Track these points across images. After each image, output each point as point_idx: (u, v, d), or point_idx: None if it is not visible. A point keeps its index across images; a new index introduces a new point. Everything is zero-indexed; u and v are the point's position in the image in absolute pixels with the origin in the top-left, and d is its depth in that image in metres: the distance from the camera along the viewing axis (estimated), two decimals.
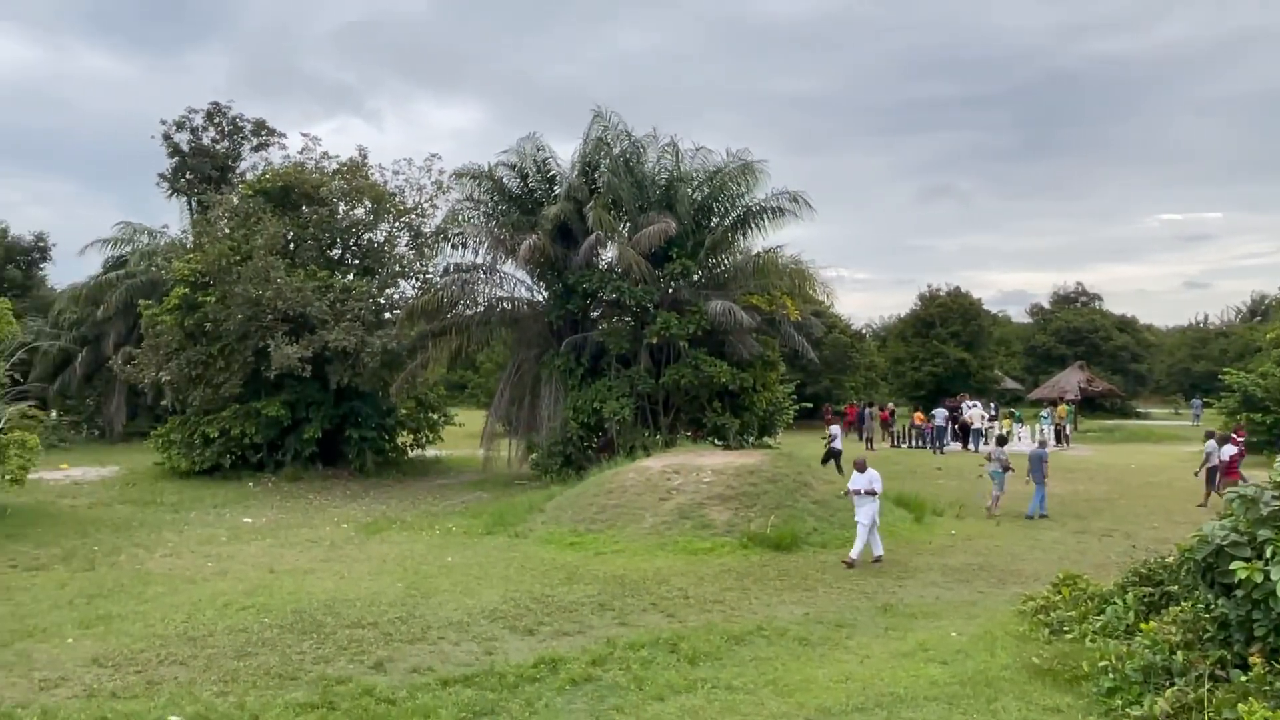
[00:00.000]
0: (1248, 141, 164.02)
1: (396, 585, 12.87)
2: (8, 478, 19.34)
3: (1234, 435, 23.08)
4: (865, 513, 14.34)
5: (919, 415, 37.51)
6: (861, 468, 14.87)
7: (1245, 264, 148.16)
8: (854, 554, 14.10)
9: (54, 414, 36.83)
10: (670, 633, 10.33)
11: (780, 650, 9.70)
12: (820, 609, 11.62)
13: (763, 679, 8.71)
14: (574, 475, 22.60)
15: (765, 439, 27.25)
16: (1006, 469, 19.48)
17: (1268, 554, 6.47)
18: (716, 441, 24.86)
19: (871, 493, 14.49)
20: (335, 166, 29.38)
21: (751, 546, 15.06)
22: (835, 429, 27.80)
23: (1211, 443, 20.86)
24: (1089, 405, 52.55)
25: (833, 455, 25.90)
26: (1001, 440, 21.19)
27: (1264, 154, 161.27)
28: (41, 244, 48.55)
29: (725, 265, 26.95)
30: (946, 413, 35.86)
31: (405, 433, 29.72)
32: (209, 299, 25.61)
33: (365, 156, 29.88)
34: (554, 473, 24.06)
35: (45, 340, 37.60)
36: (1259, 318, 74.20)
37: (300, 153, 30.37)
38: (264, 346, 25.06)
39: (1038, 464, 19.27)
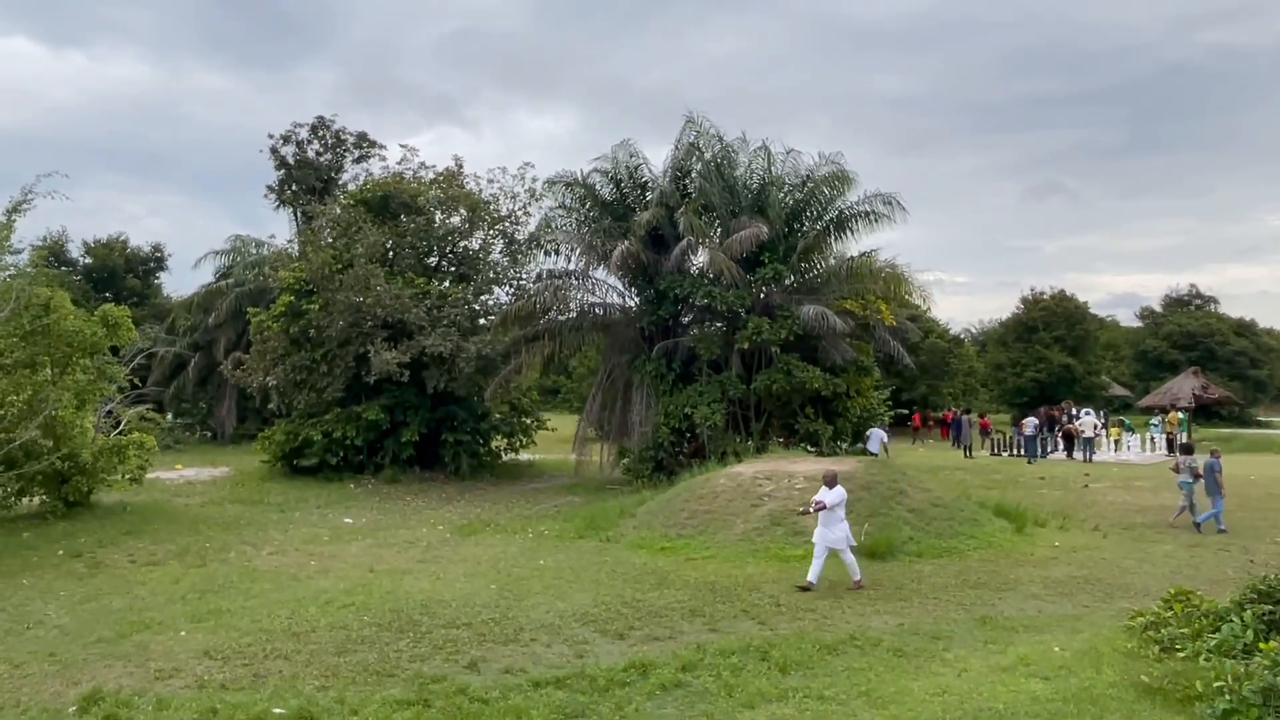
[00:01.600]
0: None
1: (490, 587, 13.01)
2: (127, 477, 20.44)
3: None
4: (831, 534, 13.00)
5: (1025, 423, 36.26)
6: (831, 482, 13.43)
7: None
8: (812, 576, 12.84)
9: (170, 416, 38.82)
10: (761, 640, 10.21)
11: (874, 661, 9.48)
12: (915, 620, 11.34)
13: (855, 690, 8.53)
14: (665, 480, 22.61)
15: (859, 446, 26.79)
16: (1197, 478, 18.64)
17: None
18: (809, 448, 24.55)
19: (821, 507, 13.11)
20: (432, 176, 30.13)
21: None
22: (877, 430, 27.19)
23: None
24: (1204, 413, 50.00)
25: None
26: (1187, 449, 20.27)
27: None
28: (158, 254, 51.27)
29: (818, 269, 26.64)
30: (1037, 422, 34.61)
31: (499, 437, 30.15)
32: (313, 306, 26.48)
33: (461, 166, 30.62)
34: (645, 478, 24.14)
35: (162, 346, 39.65)
36: None
37: (399, 163, 31.35)
38: (364, 352, 25.78)
39: (1210, 474, 18.39)
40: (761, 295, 25.32)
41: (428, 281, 27.81)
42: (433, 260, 30.05)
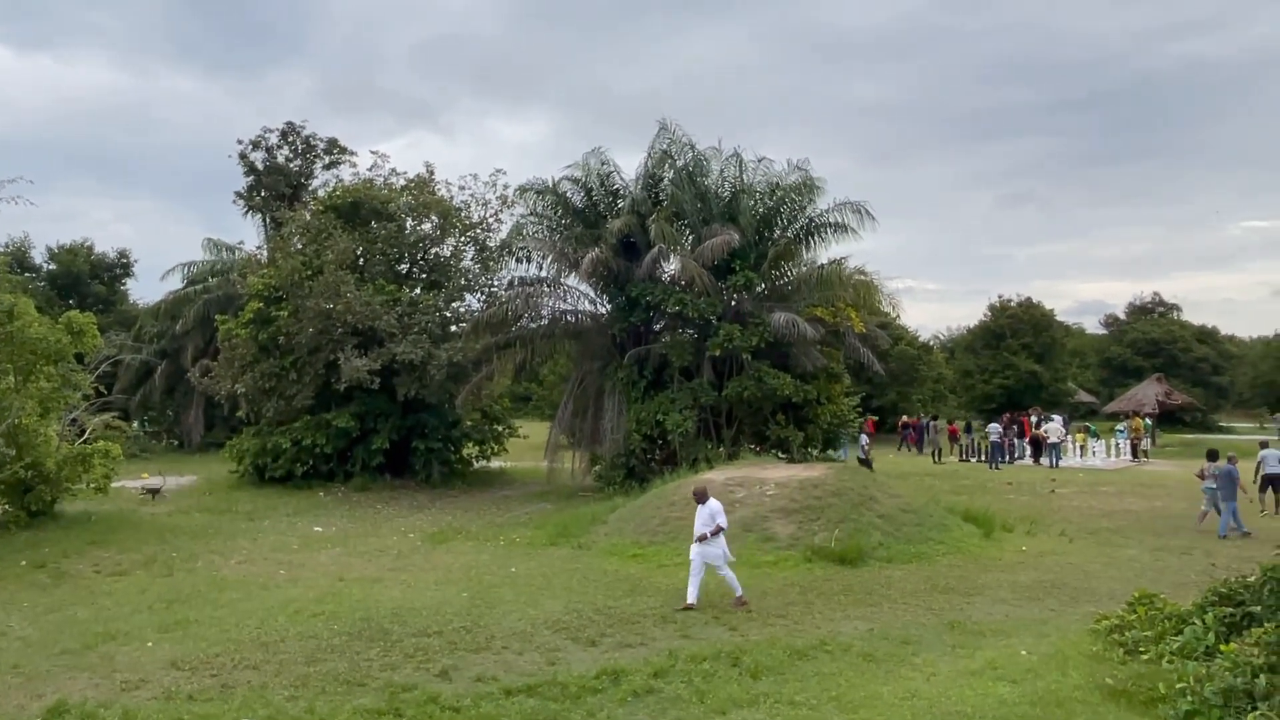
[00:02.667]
0: None
1: (461, 595, 13.02)
2: (92, 486, 20.15)
3: None
4: (709, 550, 12.35)
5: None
6: (701, 497, 12.67)
7: None
8: (691, 597, 12.21)
9: (136, 425, 38.28)
10: (733, 646, 10.28)
11: (844, 666, 9.58)
12: (885, 625, 11.45)
13: (826, 695, 8.62)
14: (637, 487, 22.60)
15: (830, 452, 26.97)
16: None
17: None
18: (780, 454, 24.69)
19: (717, 530, 12.42)
20: (403, 183, 30.01)
21: (815, 560, 14.91)
22: (864, 437, 27.39)
23: (1264, 451, 21.17)
24: (1167, 419, 50.86)
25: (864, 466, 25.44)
26: (1213, 455, 20.55)
27: None
28: (124, 260, 50.49)
29: (788, 277, 26.78)
30: (1000, 428, 35.06)
31: (470, 444, 29.99)
32: (282, 313, 26.27)
33: (432, 172, 30.50)
34: (617, 484, 24.12)
35: (128, 353, 39.09)
36: None
37: (370, 170, 31.16)
38: (334, 359, 25.61)
39: (1228, 480, 18.65)
40: (733, 303, 25.41)
41: (399, 288, 27.68)
42: (404, 267, 29.91)
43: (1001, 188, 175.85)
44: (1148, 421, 37.75)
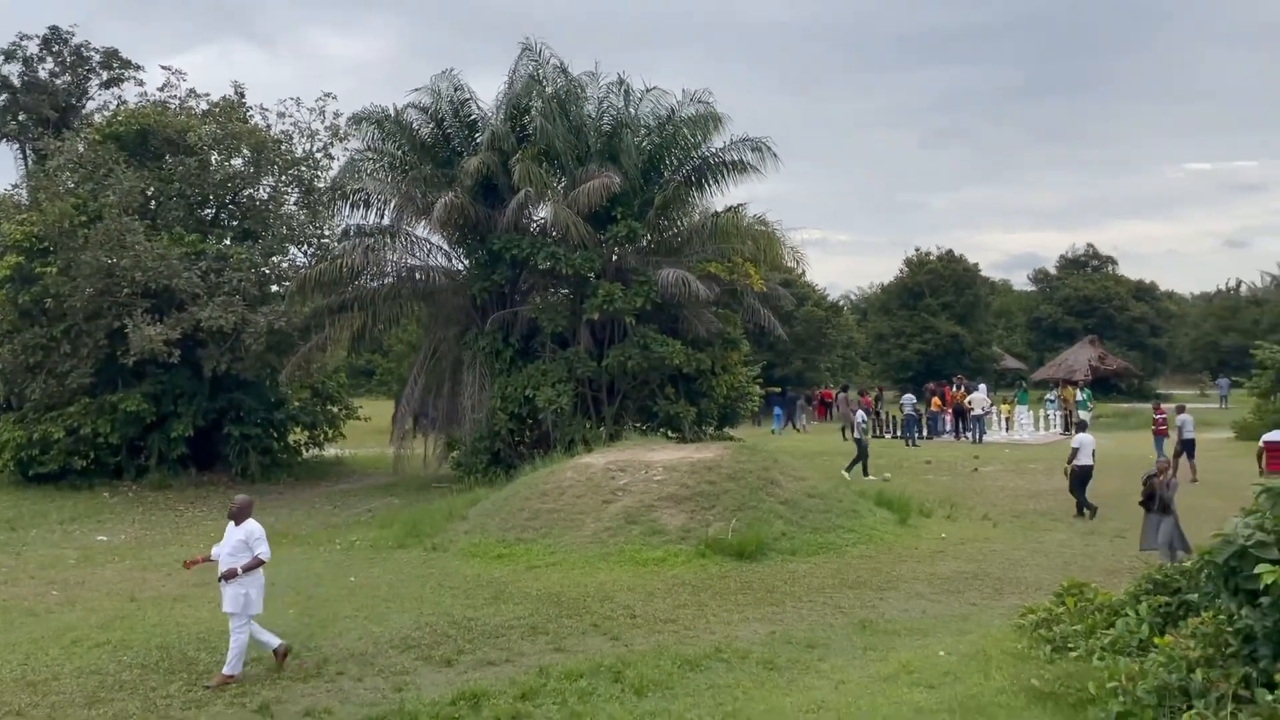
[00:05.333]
0: None
1: (287, 612, 12.76)
2: None
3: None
4: (232, 591, 10.19)
5: (937, 401, 38.04)
6: (240, 514, 10.54)
7: None
8: (230, 668, 10.01)
9: None
10: (614, 659, 10.39)
11: (741, 676, 9.79)
12: (788, 627, 11.76)
13: (720, 711, 8.79)
14: (502, 476, 22.63)
15: (726, 429, 27.44)
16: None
17: None
18: (670, 433, 24.97)
19: (254, 565, 10.30)
20: (206, 107, 28.80)
21: (709, 555, 15.19)
22: (860, 414, 27.39)
23: (1183, 416, 24.66)
24: (1101, 386, 53.72)
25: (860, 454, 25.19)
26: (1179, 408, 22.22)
27: None
28: None
29: (678, 227, 27.04)
30: (915, 400, 36.50)
31: (299, 429, 29.58)
32: (49, 269, 25.04)
33: (243, 95, 29.43)
34: (479, 473, 24.07)
35: None
36: None
37: (161, 89, 29.78)
38: (120, 327, 24.59)
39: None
40: (614, 257, 25.46)
41: (202, 239, 26.67)
42: (208, 213, 28.88)
43: (920, 125, 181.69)
44: (1086, 391, 39.74)
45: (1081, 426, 24.41)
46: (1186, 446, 24.13)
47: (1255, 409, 34.34)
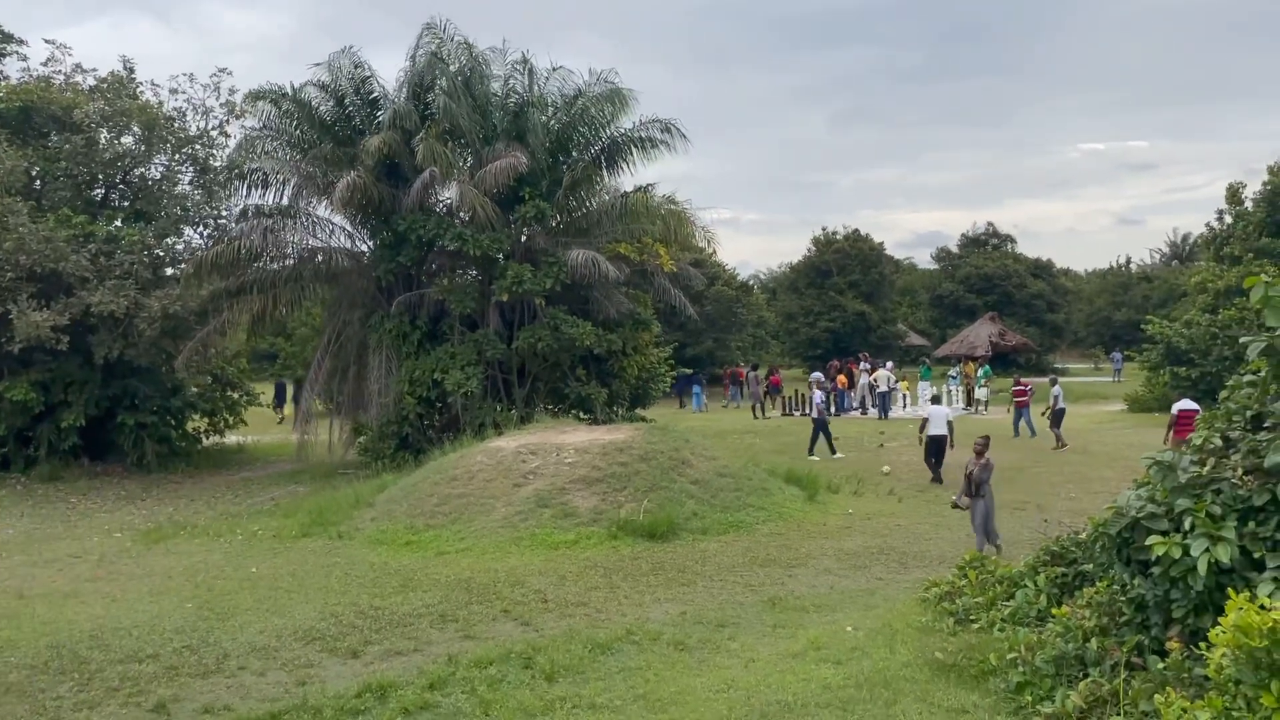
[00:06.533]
0: (1173, 61, 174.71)
1: (185, 606, 12.51)
2: None
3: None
4: None
5: (843, 379, 38.53)
6: None
7: (1182, 198, 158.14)
8: None
9: None
10: (524, 644, 10.35)
11: (652, 658, 9.83)
12: (699, 607, 11.85)
13: (632, 693, 8.80)
14: (411, 461, 22.47)
15: (638, 410, 27.50)
16: None
17: (1186, 526, 6.85)
18: (582, 415, 24.95)
19: None
20: (93, 83, 27.70)
21: (621, 536, 15.25)
22: (819, 394, 26.49)
23: (1056, 387, 26.41)
24: (1001, 361, 55.20)
25: (821, 430, 24.89)
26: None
27: (1193, 75, 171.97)
28: None
29: (587, 207, 26.95)
30: (822, 377, 37.07)
31: (197, 416, 28.91)
32: None
33: (132, 70, 28.34)
34: (386, 459, 23.79)
35: None
36: (1179, 261, 79.48)
37: (45, 64, 28.48)
38: (4, 313, 23.62)
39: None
40: (522, 238, 25.31)
41: (91, 220, 25.69)
42: (98, 193, 27.82)
43: (827, 105, 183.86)
44: (986, 368, 40.80)
45: (935, 400, 25.15)
46: (1056, 416, 25.89)
47: (1146, 382, 35.66)
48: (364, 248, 27.08)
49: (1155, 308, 53.94)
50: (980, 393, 37.76)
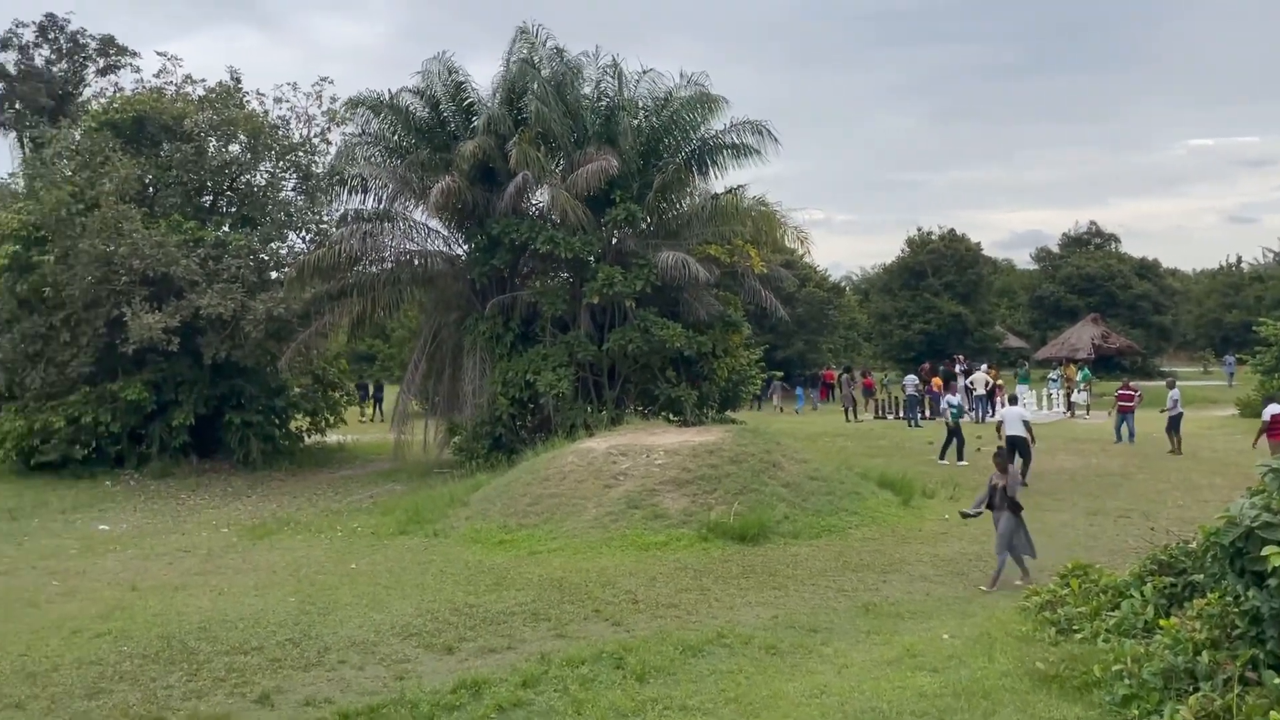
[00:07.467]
0: None
1: (288, 600, 12.78)
2: None
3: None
4: None
5: (937, 381, 37.82)
6: None
7: None
8: None
9: None
10: (616, 645, 10.35)
11: (744, 661, 9.75)
12: (791, 611, 11.72)
13: (723, 696, 8.74)
14: (504, 461, 22.60)
15: (727, 412, 27.37)
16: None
17: None
18: (671, 417, 24.91)
19: None
20: (202, 93, 28.64)
21: (711, 539, 15.16)
22: (949, 398, 25.94)
23: (1173, 391, 25.41)
24: (1104, 364, 53.64)
25: (954, 437, 24.05)
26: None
27: None
28: None
29: (677, 210, 26.90)
30: (916, 380, 36.39)
31: (300, 416, 29.48)
32: (47, 258, 24.94)
33: (238, 80, 29.22)
34: (480, 458, 24.02)
35: None
36: None
37: (157, 75, 29.57)
38: (119, 315, 24.51)
39: None
40: (613, 240, 25.36)
41: (200, 226, 26.54)
42: (206, 199, 28.73)
43: (923, 103, 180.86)
44: (1086, 371, 39.66)
45: (1013, 400, 24.17)
46: (1173, 421, 24.84)
47: (1259, 385, 34.23)
48: (459, 251, 27.45)
49: (1269, 309, 51.71)
50: (1079, 397, 36.70)
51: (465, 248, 27.06)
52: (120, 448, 25.95)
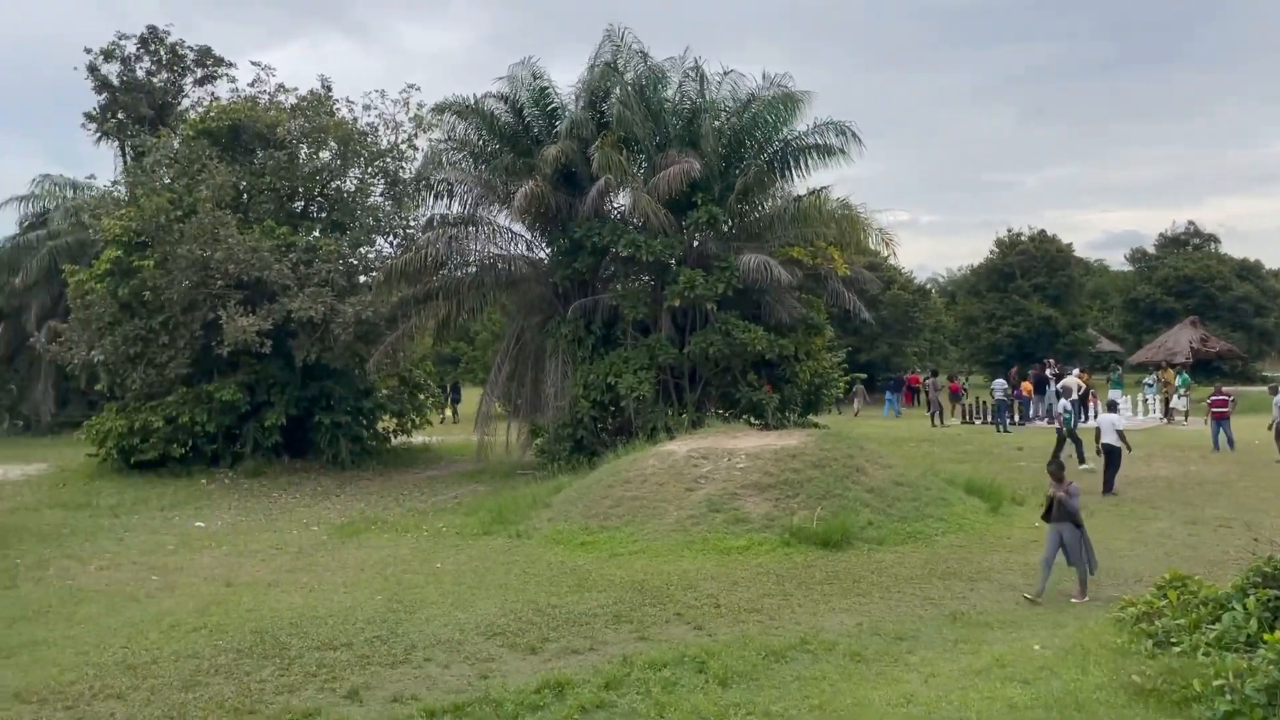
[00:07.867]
0: None
1: (376, 598, 12.97)
2: None
3: None
4: None
5: (1027, 385, 37.03)
6: None
7: None
8: None
9: None
10: (698, 648, 10.31)
11: (828, 668, 9.65)
12: (876, 618, 11.57)
13: (807, 703, 8.67)
14: (585, 463, 22.67)
15: (810, 416, 27.14)
16: None
17: None
18: (752, 420, 24.79)
19: None
20: (293, 101, 29.34)
21: (794, 544, 15.04)
22: (1064, 403, 25.68)
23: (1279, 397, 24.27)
24: (1203, 368, 51.99)
25: (1070, 439, 23.98)
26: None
27: None
28: None
29: (759, 212, 26.76)
30: (1005, 384, 35.58)
31: (387, 417, 29.86)
32: (147, 262, 25.69)
33: (329, 88, 29.86)
34: (562, 460, 24.15)
35: None
36: None
37: (251, 85, 30.39)
38: (214, 318, 25.18)
39: None
40: (694, 243, 25.33)
41: (292, 231, 27.18)
42: (298, 205, 29.38)
43: (1011, 100, 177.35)
44: (1183, 375, 38.47)
45: (1112, 406, 23.44)
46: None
47: None
48: (542, 255, 27.62)
49: None
50: (1179, 402, 35.58)
51: (548, 251, 27.24)
52: (215, 447, 26.55)
